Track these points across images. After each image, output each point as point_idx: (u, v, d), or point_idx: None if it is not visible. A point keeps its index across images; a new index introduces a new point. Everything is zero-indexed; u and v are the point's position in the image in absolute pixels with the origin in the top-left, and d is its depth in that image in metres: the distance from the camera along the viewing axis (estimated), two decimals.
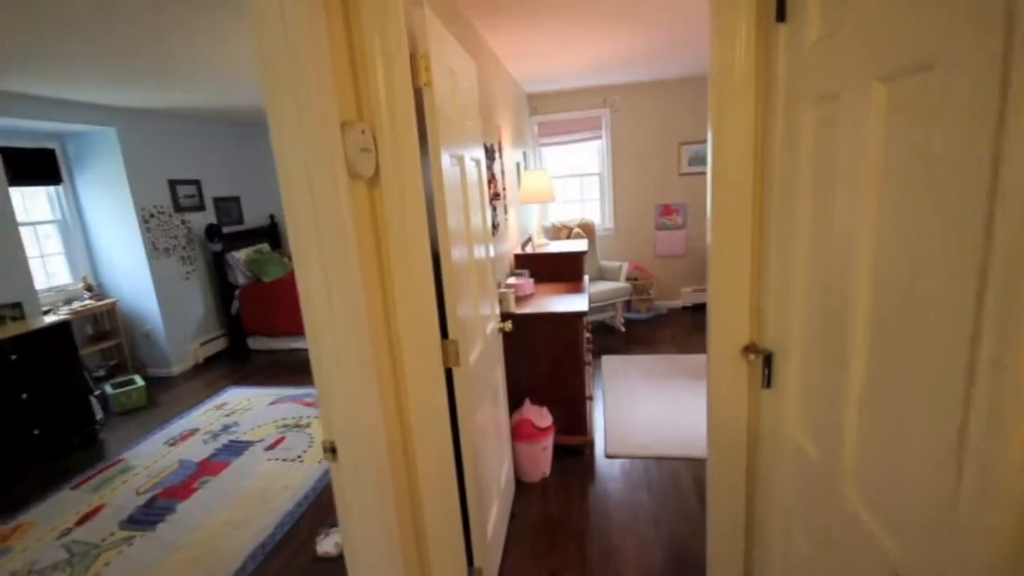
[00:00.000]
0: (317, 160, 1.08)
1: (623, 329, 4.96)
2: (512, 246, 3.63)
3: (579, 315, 2.62)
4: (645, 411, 3.24)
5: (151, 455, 3.19)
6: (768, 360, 1.21)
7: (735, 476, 1.45)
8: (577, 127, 5.31)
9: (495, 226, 2.94)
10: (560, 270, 3.45)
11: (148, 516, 2.56)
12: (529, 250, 3.51)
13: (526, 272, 3.33)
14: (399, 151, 1.29)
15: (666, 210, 5.39)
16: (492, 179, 2.93)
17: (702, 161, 5.21)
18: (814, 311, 0.98)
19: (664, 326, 5.03)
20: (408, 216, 1.33)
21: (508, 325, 2.23)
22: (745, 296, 1.26)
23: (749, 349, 1.26)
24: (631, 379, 3.76)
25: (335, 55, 1.18)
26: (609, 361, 4.16)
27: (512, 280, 3.04)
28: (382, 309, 1.36)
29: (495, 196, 3.02)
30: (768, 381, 1.22)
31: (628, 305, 5.32)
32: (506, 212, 3.44)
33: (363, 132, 1.22)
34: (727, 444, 1.36)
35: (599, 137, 5.32)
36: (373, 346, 1.31)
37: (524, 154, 4.60)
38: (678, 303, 5.58)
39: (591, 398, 2.98)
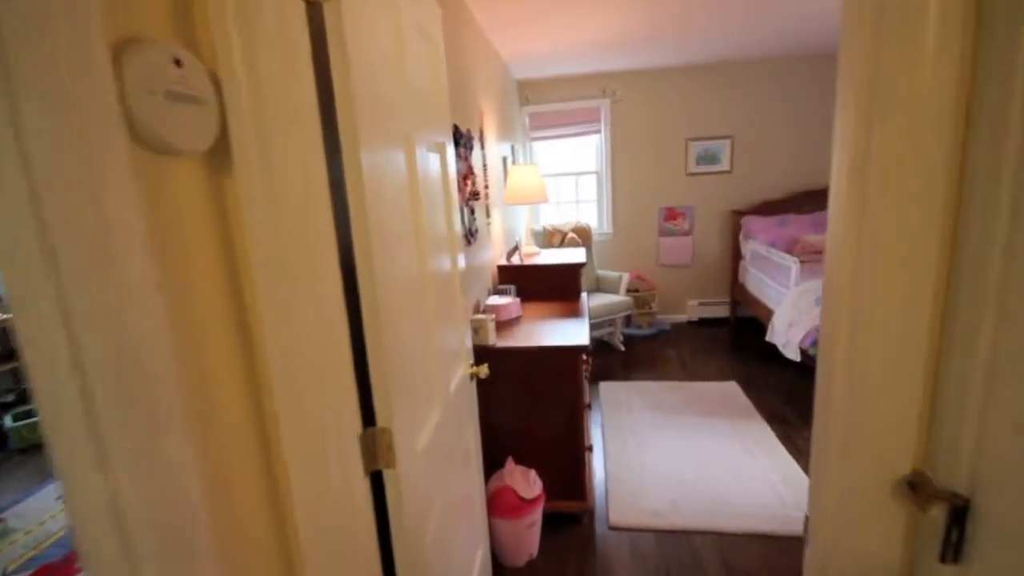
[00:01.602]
0: (42, 108, 0.48)
1: (622, 348, 4.39)
2: (496, 256, 3.04)
3: (578, 350, 2.03)
4: (655, 462, 2.66)
5: (38, 513, 2.54)
6: (959, 514, 0.63)
7: None
8: (573, 119, 4.73)
9: (472, 232, 2.35)
10: (553, 285, 2.87)
11: None
12: (516, 261, 2.92)
13: (511, 288, 2.74)
14: (265, 106, 0.69)
15: (671, 214, 4.83)
16: (468, 174, 2.33)
17: (711, 160, 4.66)
18: None
19: (668, 344, 4.47)
20: (288, 223, 0.73)
21: (484, 370, 1.63)
22: (913, 385, 0.67)
23: (918, 487, 0.68)
24: (635, 415, 3.18)
25: None
26: (609, 389, 3.58)
27: (493, 301, 2.44)
28: (241, 388, 0.76)
29: (473, 195, 2.43)
30: (956, 551, 0.64)
31: (628, 320, 4.75)
32: (488, 215, 2.84)
33: (177, 63, 0.62)
34: None
35: (597, 131, 4.75)
36: (217, 459, 0.71)
37: (513, 148, 4.02)
38: (683, 317, 5.02)
39: (591, 448, 2.40)
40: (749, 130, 4.56)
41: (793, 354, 2.94)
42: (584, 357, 2.11)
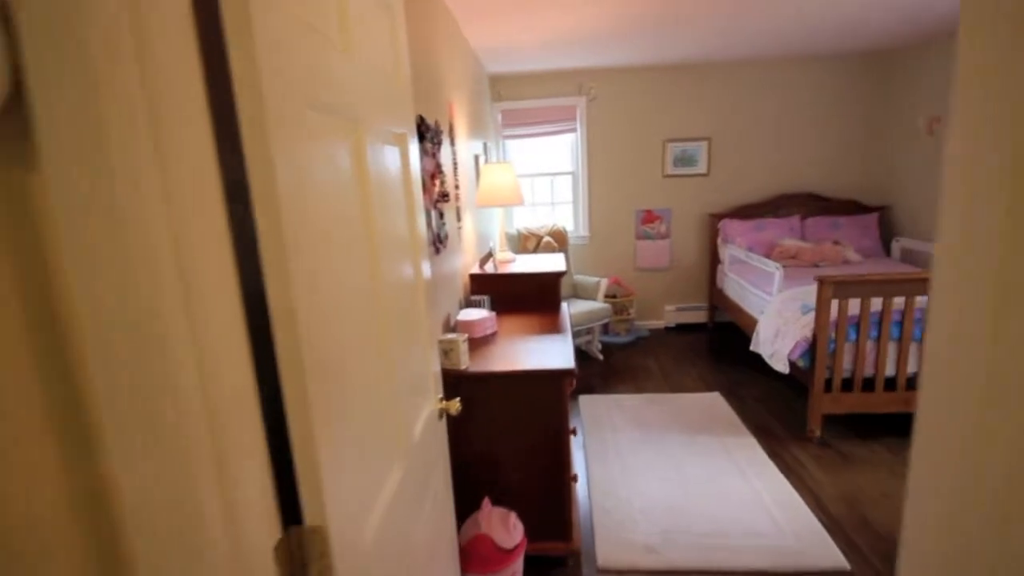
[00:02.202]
0: None
1: (601, 357, 4.19)
2: (468, 263, 2.78)
3: (563, 375, 1.79)
4: (643, 488, 2.45)
5: None
6: None
7: None
8: (547, 117, 4.51)
9: (440, 238, 2.08)
10: (531, 295, 2.63)
11: None
12: (490, 269, 2.67)
13: (485, 300, 2.49)
14: (91, 48, 0.43)
15: (648, 217, 4.67)
16: (436, 172, 2.07)
17: (689, 162, 4.52)
18: None
19: (647, 352, 4.30)
20: (143, 241, 0.46)
21: (455, 405, 1.38)
22: None
23: None
24: (618, 433, 2.98)
25: None
26: (589, 404, 3.37)
27: (465, 316, 2.18)
28: (62, 506, 0.49)
29: (442, 196, 2.17)
30: None
31: (605, 327, 4.56)
32: (459, 219, 2.59)
33: None
34: None
35: (573, 130, 4.54)
36: None
37: (485, 146, 3.77)
38: (660, 323, 4.87)
39: (575, 478, 2.17)
40: (726, 132, 4.44)
41: (781, 366, 2.79)
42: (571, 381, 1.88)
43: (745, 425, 3.00)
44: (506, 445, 1.87)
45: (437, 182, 2.09)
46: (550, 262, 2.80)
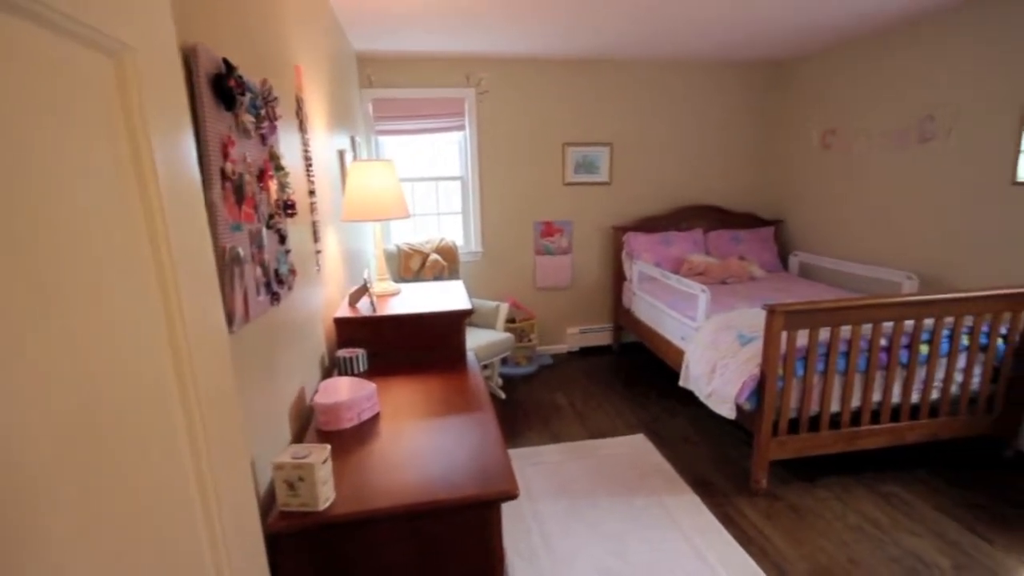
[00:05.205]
0: None
1: (503, 395, 3.55)
2: (332, 300, 1.95)
3: (497, 500, 1.09)
4: None
5: None
6: None
7: None
8: (430, 111, 3.77)
9: (280, 278, 1.26)
10: (425, 343, 1.88)
11: None
12: (365, 309, 1.87)
13: (360, 355, 1.70)
14: None
15: (548, 229, 4.16)
16: (269, 168, 1.24)
17: (590, 168, 4.10)
18: None
19: (553, 384, 3.76)
20: None
21: None
22: None
23: None
24: (539, 506, 2.34)
25: None
26: None
27: (327, 394, 1.37)
28: None
29: (286, 207, 1.34)
30: None
31: (504, 359, 3.94)
32: (317, 239, 1.75)
33: None
34: None
35: (461, 127, 3.87)
36: None
37: (353, 140, 2.92)
38: (563, 347, 4.39)
39: None
40: (628, 138, 4.11)
41: (726, 410, 2.39)
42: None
43: (682, 477, 2.56)
44: None
45: (273, 183, 1.27)
46: (450, 296, 2.08)
